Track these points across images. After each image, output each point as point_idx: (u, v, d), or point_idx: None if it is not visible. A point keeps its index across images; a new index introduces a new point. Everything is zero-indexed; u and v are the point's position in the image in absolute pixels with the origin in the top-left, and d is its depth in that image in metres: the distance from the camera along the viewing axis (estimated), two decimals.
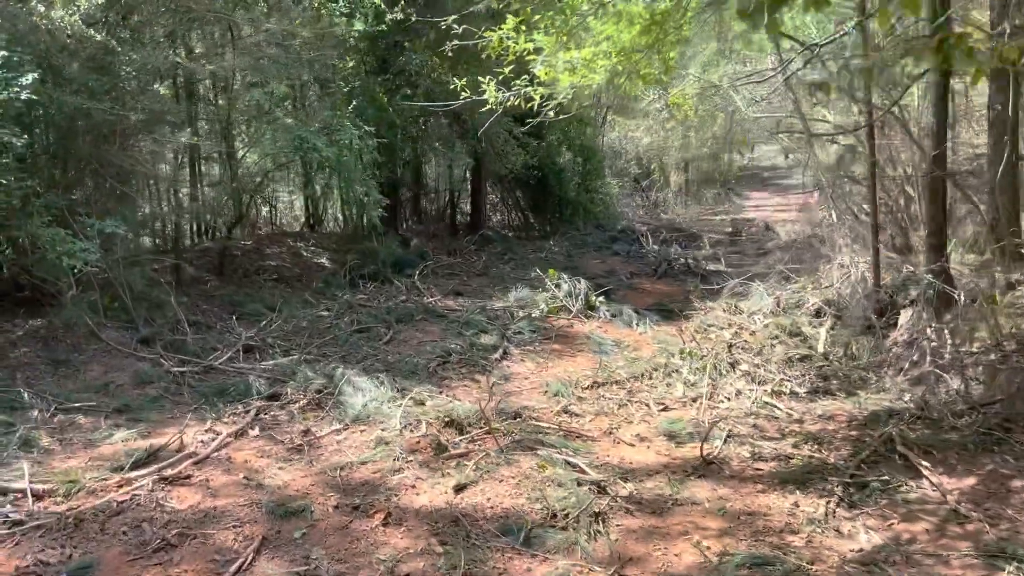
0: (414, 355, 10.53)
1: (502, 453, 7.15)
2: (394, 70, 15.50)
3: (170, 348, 10.29)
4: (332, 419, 8.25)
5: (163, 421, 8.21)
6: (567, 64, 7.59)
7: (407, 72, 15.58)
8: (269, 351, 10.69)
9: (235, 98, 12.26)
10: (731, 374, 9.00)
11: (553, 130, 20.66)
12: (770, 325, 10.08)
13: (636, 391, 8.94)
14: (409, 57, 15.50)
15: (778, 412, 8.01)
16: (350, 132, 13.35)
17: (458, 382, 9.58)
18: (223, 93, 12.92)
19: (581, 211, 22.62)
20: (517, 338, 11.48)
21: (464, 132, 16.67)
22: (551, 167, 21.10)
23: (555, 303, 12.96)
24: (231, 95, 12.40)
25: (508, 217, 23.38)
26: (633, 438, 7.66)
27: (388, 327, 11.76)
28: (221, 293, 12.89)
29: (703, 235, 21.52)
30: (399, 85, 15.76)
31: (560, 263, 18.24)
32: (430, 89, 15.86)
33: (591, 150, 22.96)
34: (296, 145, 12.47)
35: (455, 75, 16.00)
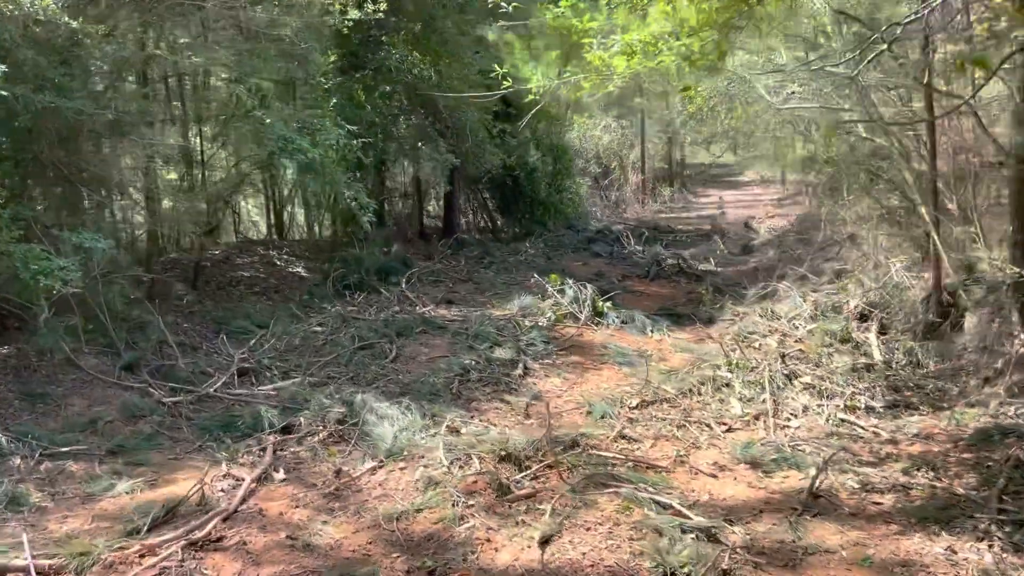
0: (428, 373, 9.45)
1: (575, 493, 6.14)
2: (372, 65, 14.33)
3: (157, 375, 9.04)
4: (362, 454, 7.14)
5: (167, 464, 7.01)
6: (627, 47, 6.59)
7: (386, 68, 14.43)
8: (267, 374, 9.51)
9: (212, 95, 10.99)
10: (790, 387, 8.12)
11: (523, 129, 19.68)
12: (816, 331, 9.23)
13: (689, 409, 8.00)
14: (388, 52, 14.35)
15: (860, 431, 7.14)
16: (335, 132, 12.21)
17: (487, 403, 8.53)
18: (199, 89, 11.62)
19: (552, 212, 21.67)
20: (531, 350, 10.47)
21: (445, 131, 15.57)
22: (522, 167, 20.11)
23: (561, 310, 11.99)
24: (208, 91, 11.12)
25: (475, 219, 22.31)
26: (711, 467, 6.71)
27: (390, 342, 10.64)
28: (200, 309, 11.61)
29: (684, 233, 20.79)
30: (378, 82, 14.60)
31: (540, 266, 17.27)
32: (412, 85, 14.79)
33: (561, 149, 22.02)
34: (281, 146, 11.26)
35: (437, 69, 15.07)
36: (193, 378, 9.09)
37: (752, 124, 13.32)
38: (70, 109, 8.75)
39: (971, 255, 8.59)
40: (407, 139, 15.05)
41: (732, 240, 19.69)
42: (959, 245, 8.50)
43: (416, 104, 15.13)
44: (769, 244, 17.95)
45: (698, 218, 27.75)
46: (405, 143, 15.12)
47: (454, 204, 19.84)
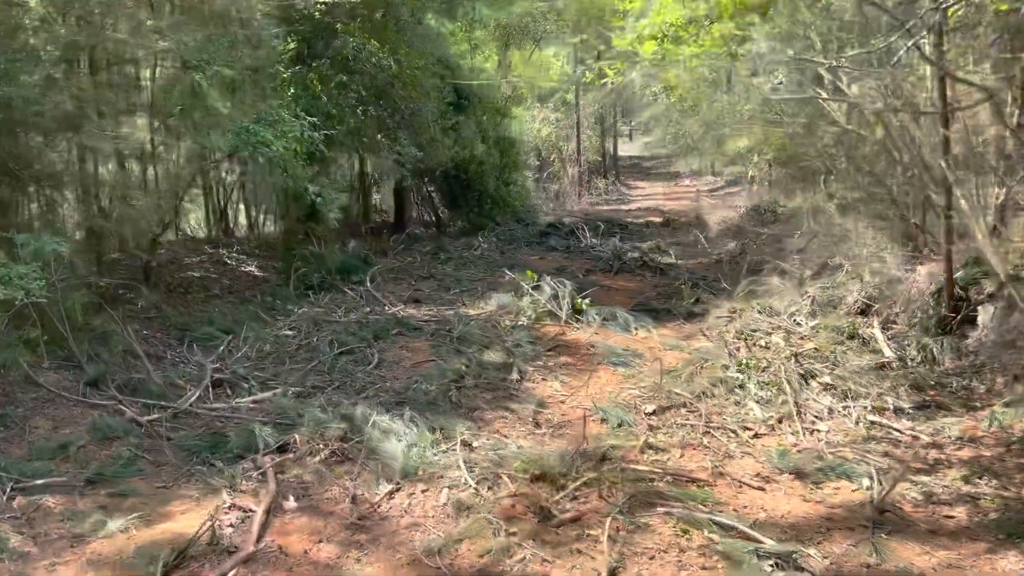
0: (419, 380, 8.77)
1: (623, 514, 5.58)
2: (328, 55, 13.47)
3: (126, 389, 8.14)
4: (373, 475, 6.44)
5: (156, 495, 6.20)
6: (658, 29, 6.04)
7: (343, 57, 13.59)
8: (244, 385, 8.67)
9: (169, 84, 10.03)
10: (807, 388, 7.72)
11: (469, 121, 19.05)
12: (821, 328, 8.86)
13: (708, 414, 7.52)
14: (345, 41, 13.51)
15: (896, 434, 6.76)
16: (298, 124, 11.40)
17: (491, 412, 7.91)
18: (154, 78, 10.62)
19: (500, 205, 21.06)
20: (519, 352, 9.87)
21: (403, 123, 14.80)
22: (471, 160, 19.43)
23: (540, 308, 11.41)
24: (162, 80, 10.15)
25: (422, 214, 21.54)
26: (754, 479, 6.24)
27: (369, 346, 9.91)
28: (158, 315, 10.63)
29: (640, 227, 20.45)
30: (334, 72, 13.75)
31: (497, 261, 16.71)
32: (370, 75, 13.99)
33: (509, 142, 21.42)
34: (244, 140, 10.42)
35: (396, 59, 14.31)
36: (165, 392, 8.22)
37: (726, 114, 12.90)
38: (19, 98, 7.81)
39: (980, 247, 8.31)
40: (365, 131, 14.20)
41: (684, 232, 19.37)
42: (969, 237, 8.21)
43: (372, 95, 14.30)
44: (725, 236, 17.68)
45: (637, 210, 27.52)
46: (363, 135, 14.26)
47: (404, 198, 19.06)
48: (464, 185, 19.87)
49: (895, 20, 7.11)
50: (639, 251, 16.40)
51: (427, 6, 15.28)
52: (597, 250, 17.21)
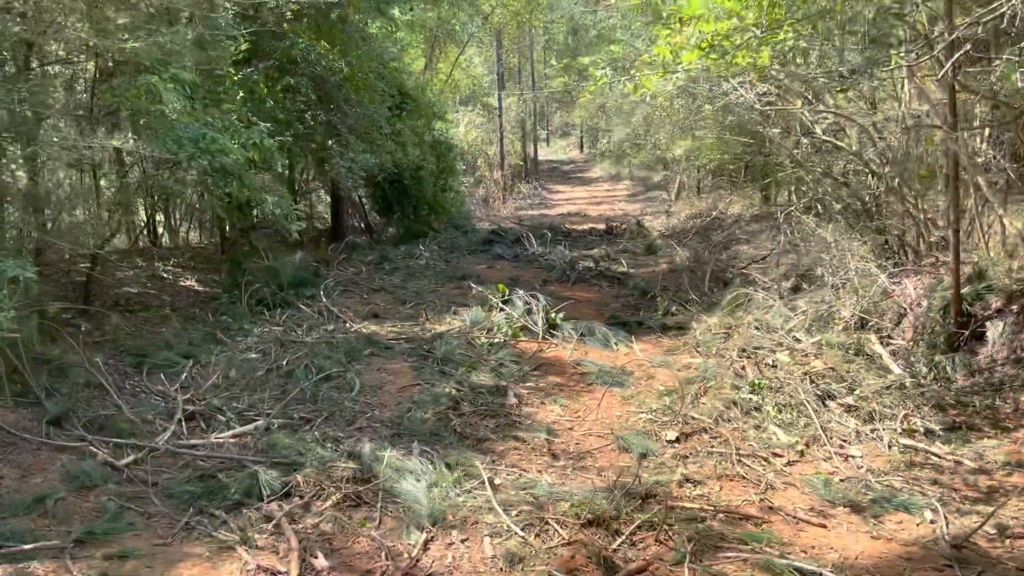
0: (412, 407, 8.17)
1: (695, 563, 5.14)
2: (275, 56, 12.64)
3: (92, 427, 7.27)
4: (399, 521, 5.83)
5: (158, 554, 5.43)
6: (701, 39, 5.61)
7: (291, 59, 12.79)
8: (220, 417, 7.88)
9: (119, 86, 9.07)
10: (827, 410, 7.45)
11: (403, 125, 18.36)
12: (824, 345, 8.63)
13: (731, 440, 7.16)
14: (293, 41, 12.70)
15: (937, 459, 6.53)
16: (256, 131, 10.58)
17: (501, 443, 7.37)
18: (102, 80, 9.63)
19: (438, 212, 20.45)
20: (505, 372, 9.36)
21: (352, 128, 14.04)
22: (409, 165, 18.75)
23: (515, 324, 10.92)
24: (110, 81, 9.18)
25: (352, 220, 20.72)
26: (808, 513, 5.89)
27: (345, 369, 9.22)
28: (106, 339, 9.69)
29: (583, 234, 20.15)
30: (281, 74, 12.93)
31: (445, 270, 16.16)
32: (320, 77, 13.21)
33: (446, 146, 20.81)
34: (202, 148, 9.55)
35: (347, 61, 13.56)
36: (135, 429, 7.38)
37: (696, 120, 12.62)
38: None
39: (983, 262, 8.24)
40: (314, 136, 13.42)
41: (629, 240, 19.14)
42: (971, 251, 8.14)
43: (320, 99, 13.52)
44: (672, 244, 17.51)
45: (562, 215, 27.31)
46: (312, 140, 13.47)
47: (342, 205, 18.22)
48: (401, 191, 19.18)
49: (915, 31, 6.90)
50: (592, 260, 16.08)
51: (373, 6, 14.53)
52: (546, 259, 16.80)
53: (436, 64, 26.63)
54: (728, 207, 19.06)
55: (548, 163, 40.79)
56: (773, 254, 13.33)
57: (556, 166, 40.84)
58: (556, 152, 45.22)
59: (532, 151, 36.83)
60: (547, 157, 42.19)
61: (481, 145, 29.00)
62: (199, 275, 13.77)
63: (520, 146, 34.97)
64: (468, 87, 28.77)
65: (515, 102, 33.47)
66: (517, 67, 35.70)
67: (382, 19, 16.30)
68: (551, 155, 43.81)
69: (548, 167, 40.04)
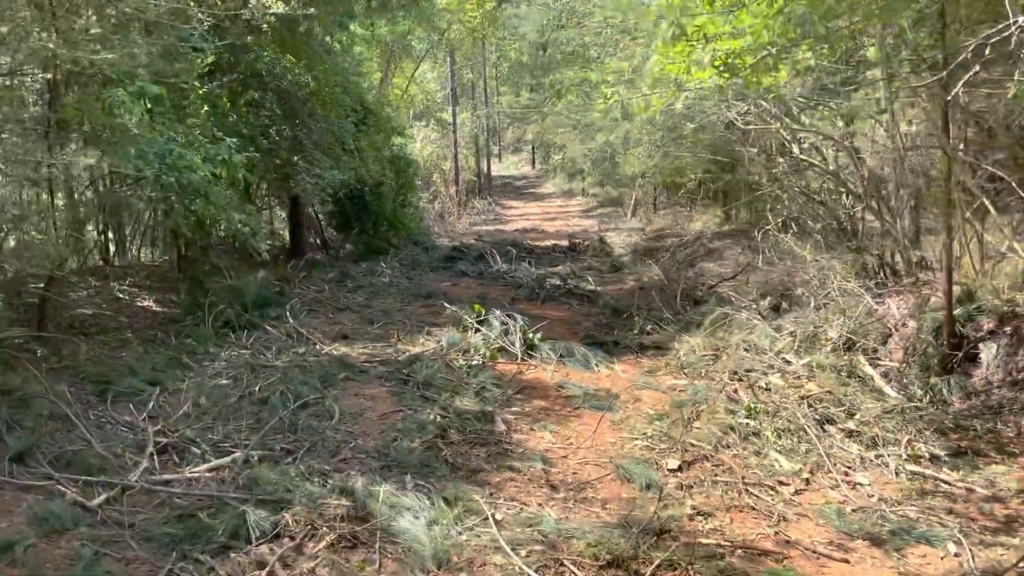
0: (397, 435, 7.78)
1: None
2: (242, 69, 12.18)
3: (58, 463, 6.74)
4: (402, 564, 5.46)
5: None
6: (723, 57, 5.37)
7: (255, 72, 12.34)
8: (194, 450, 7.39)
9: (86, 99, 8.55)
10: (828, 435, 7.27)
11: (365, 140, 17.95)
12: (815, 367, 8.46)
13: (733, 468, 6.92)
14: (258, 54, 12.26)
15: (948, 487, 6.37)
16: (224, 146, 10.14)
17: (496, 474, 7.03)
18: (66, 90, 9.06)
19: (397, 228, 20.05)
20: (488, 396, 9.04)
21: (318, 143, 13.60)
22: (369, 180, 18.32)
23: (492, 345, 10.60)
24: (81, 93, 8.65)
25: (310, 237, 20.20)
26: (828, 547, 5.67)
27: (322, 396, 8.78)
28: (66, 365, 9.11)
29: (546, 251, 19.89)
30: (245, 88, 12.47)
31: (409, 288, 15.80)
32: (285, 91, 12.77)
33: (405, 161, 20.44)
34: (169, 164, 9.09)
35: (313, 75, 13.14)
36: (105, 464, 6.87)
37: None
38: None
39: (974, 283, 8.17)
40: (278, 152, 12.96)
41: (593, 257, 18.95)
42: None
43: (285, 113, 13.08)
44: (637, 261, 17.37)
45: (516, 231, 27.09)
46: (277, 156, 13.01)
47: (301, 222, 17.71)
48: (361, 207, 18.76)
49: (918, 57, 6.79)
50: (559, 277, 15.84)
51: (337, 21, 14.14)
52: (512, 276, 16.51)
53: (391, 79, 26.25)
54: (690, 224, 19.01)
55: (501, 178, 40.60)
56: (743, 272, 13.22)
57: (509, 181, 40.67)
58: (508, 168, 45.04)
59: (486, 167, 36.58)
60: (500, 172, 42.00)
61: (436, 160, 28.63)
62: (156, 295, 13.16)
63: (474, 161, 34.70)
64: (422, 102, 28.41)
65: (468, 118, 33.22)
66: (471, 83, 35.45)
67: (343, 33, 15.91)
68: (503, 171, 43.63)
69: (501, 182, 39.87)
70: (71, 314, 11.55)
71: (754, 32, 5.11)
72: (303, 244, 17.71)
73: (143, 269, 14.70)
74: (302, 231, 17.75)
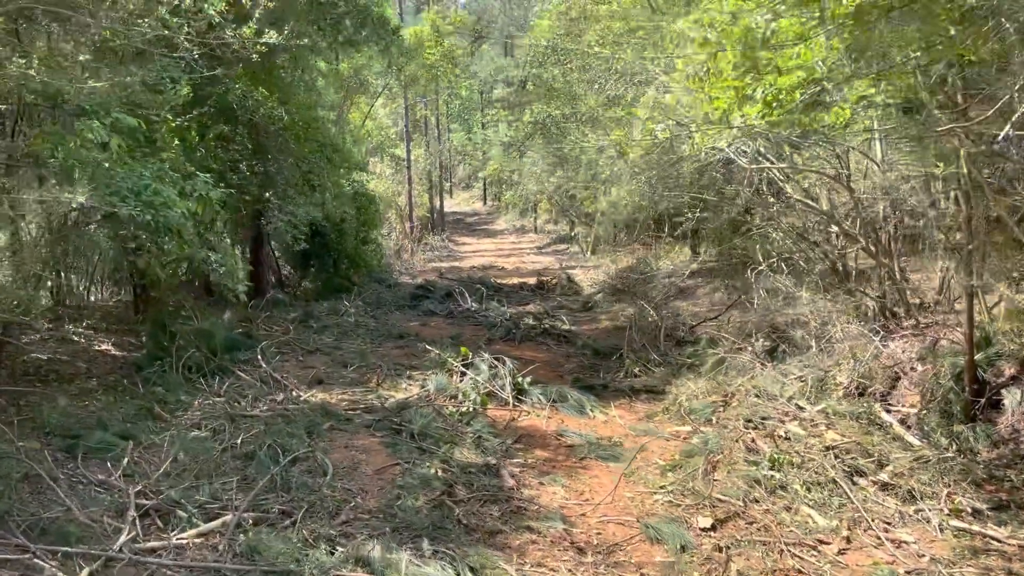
0: (399, 492, 7.19)
1: None
2: (213, 102, 11.56)
3: (33, 533, 6.01)
4: None
5: None
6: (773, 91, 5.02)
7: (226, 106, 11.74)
8: (179, 513, 6.70)
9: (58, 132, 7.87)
10: (861, 488, 6.90)
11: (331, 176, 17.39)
12: (833, 414, 8.12)
13: (767, 526, 6.51)
14: (229, 87, 11.67)
15: (999, 544, 6.04)
16: (200, 182, 9.52)
17: (515, 536, 6.50)
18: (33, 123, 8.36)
19: (359, 265, 19.42)
20: (488, 446, 8.51)
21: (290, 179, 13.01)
22: (331, 217, 17.71)
23: (481, 390, 10.08)
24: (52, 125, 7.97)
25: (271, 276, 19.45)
26: None
27: (311, 448, 8.16)
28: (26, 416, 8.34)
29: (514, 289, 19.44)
30: (215, 121, 11.85)
31: (377, 329, 15.22)
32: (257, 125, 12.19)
33: (368, 197, 19.88)
34: (145, 201, 8.44)
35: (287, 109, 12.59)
36: (84, 532, 6.16)
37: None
38: None
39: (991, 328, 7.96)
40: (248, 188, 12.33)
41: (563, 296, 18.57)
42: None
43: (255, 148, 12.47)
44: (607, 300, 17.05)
45: (472, 268, 26.66)
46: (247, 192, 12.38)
47: (263, 260, 16.97)
48: (322, 244, 18.11)
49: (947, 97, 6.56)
50: (533, 317, 15.40)
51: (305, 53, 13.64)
52: (483, 315, 16.01)
53: (347, 115, 25.73)
54: (657, 262, 18.79)
55: (453, 214, 40.22)
56: (727, 312, 12.96)
57: (461, 218, 40.29)
58: (460, 204, 44.69)
59: (439, 203, 36.15)
60: (452, 209, 41.60)
61: (392, 197, 28.11)
62: (114, 338, 12.37)
63: (427, 198, 34.24)
64: (377, 138, 27.91)
65: (423, 154, 32.81)
66: (424, 119, 35.09)
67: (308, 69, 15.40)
68: (455, 207, 43.26)
69: (453, 218, 39.46)
70: (26, 360, 10.74)
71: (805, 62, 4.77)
72: (264, 283, 16.96)
73: (98, 310, 13.85)
74: (263, 269, 17.01)
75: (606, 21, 15.12)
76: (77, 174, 8.13)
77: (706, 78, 5.49)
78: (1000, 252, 8.40)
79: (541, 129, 18.63)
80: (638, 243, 23.12)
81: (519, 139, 21.16)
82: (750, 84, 4.97)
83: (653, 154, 9.78)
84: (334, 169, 17.03)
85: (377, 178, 27.96)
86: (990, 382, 7.63)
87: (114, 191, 8.23)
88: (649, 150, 6.74)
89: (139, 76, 7.52)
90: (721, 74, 5.16)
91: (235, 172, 11.98)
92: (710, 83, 5.10)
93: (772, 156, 10.11)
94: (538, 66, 17.44)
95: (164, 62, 9.08)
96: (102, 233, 9.44)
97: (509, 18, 42.55)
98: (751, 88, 5.00)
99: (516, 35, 30.35)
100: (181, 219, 8.89)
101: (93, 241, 9.65)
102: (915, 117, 7.44)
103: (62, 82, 6.38)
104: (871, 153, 10.13)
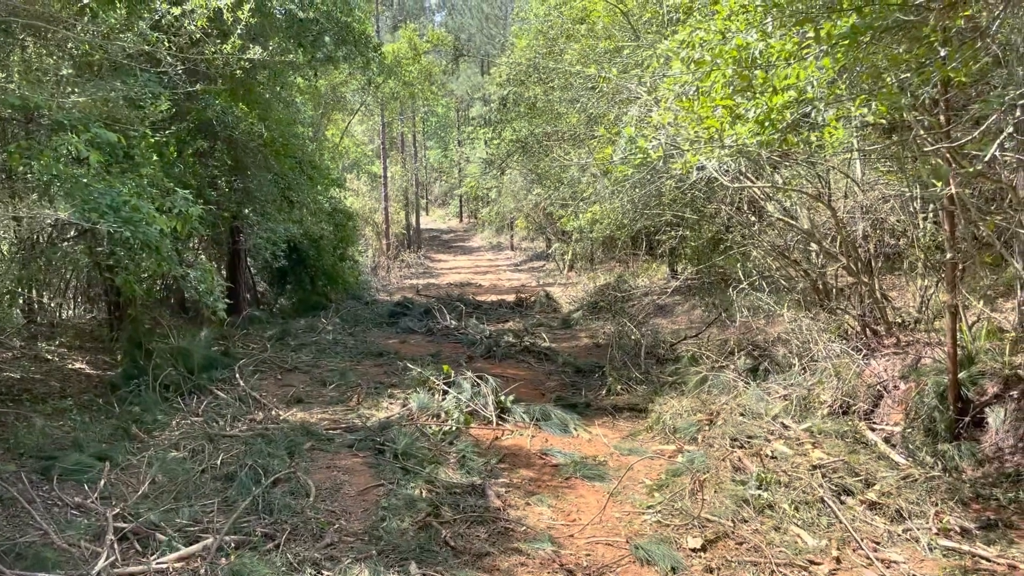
0: (384, 514, 7.06)
1: None
2: (192, 117, 11.41)
3: (8, 559, 5.82)
4: None
5: None
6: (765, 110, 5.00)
7: (206, 121, 11.59)
8: (159, 536, 6.53)
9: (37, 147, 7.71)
10: (848, 508, 6.86)
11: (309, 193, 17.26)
12: (819, 432, 8.10)
13: (757, 547, 6.45)
14: (209, 102, 11.53)
15: (988, 563, 6.01)
16: (179, 198, 9.37)
17: (504, 558, 6.38)
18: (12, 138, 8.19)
19: (336, 282, 19.28)
20: (472, 466, 8.40)
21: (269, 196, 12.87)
22: (309, 234, 17.58)
23: (464, 408, 9.98)
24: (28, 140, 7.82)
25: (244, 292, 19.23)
26: None
27: (293, 469, 8.00)
28: (4, 438, 8.13)
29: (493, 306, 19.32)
30: (194, 136, 11.69)
31: (356, 347, 15.07)
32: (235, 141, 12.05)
33: (346, 214, 19.76)
34: (124, 217, 8.27)
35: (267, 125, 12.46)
36: (61, 557, 5.97)
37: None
38: None
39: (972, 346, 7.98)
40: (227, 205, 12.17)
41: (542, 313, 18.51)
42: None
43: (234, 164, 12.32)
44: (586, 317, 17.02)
45: (449, 285, 26.57)
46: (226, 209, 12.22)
47: (239, 277, 16.78)
48: (298, 261, 17.97)
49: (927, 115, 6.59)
50: (512, 334, 15.31)
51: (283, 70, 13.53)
52: (462, 333, 15.91)
53: (324, 131, 25.60)
54: (635, 280, 18.80)
55: (429, 231, 40.09)
56: (707, 330, 12.96)
57: (437, 235, 40.16)
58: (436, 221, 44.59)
59: (415, 220, 36.04)
60: (428, 225, 41.48)
61: (368, 213, 27.98)
62: (88, 356, 12.15)
63: (404, 215, 34.12)
64: (354, 155, 27.79)
65: (399, 171, 32.72)
66: (400, 136, 35.01)
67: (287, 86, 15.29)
68: (431, 224, 43.14)
69: (429, 235, 39.34)
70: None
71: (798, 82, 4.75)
72: (241, 300, 16.76)
73: (71, 328, 13.59)
74: (240, 286, 16.82)
75: (586, 40, 15.18)
76: (54, 189, 8.00)
77: (695, 97, 5.46)
78: (983, 270, 8.45)
79: (522, 147, 18.61)
80: (615, 261, 23.13)
81: (500, 156, 21.09)
82: (742, 103, 4.95)
83: (641, 173, 9.75)
84: (312, 185, 16.91)
85: (354, 195, 27.86)
86: (973, 400, 7.64)
87: (92, 207, 8.07)
88: (637, 169, 6.70)
89: (121, 91, 7.35)
90: (710, 93, 5.13)
91: (214, 188, 11.83)
92: (700, 102, 5.08)
93: (752, 175, 10.14)
94: (519, 84, 17.44)
95: (145, 77, 8.95)
96: (78, 249, 9.22)
97: (486, 36, 42.71)
98: (743, 107, 4.98)
99: (493, 54, 30.44)
100: (159, 236, 8.74)
101: (69, 257, 9.42)
102: (902, 137, 7.47)
103: (40, 96, 6.20)
104: (851, 172, 10.19)
